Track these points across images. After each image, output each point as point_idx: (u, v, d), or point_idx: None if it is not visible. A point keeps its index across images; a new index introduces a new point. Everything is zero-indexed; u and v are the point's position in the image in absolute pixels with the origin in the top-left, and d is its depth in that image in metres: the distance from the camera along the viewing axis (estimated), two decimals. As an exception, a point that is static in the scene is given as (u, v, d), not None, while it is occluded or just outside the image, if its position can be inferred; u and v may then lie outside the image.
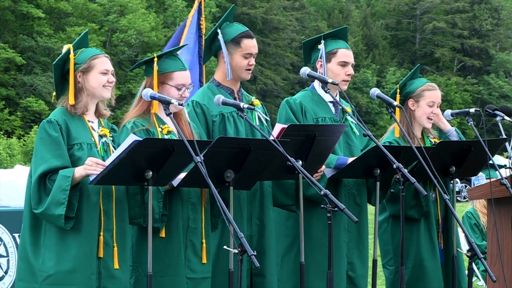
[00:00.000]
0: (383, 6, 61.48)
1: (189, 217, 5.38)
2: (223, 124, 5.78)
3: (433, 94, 6.54)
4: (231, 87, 5.91)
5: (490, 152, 6.20)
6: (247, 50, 5.85)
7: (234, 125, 5.82)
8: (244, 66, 5.86)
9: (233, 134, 5.76)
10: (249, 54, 5.86)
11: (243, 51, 5.85)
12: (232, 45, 5.85)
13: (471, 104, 54.63)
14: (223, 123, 5.79)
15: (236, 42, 5.85)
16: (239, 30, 5.90)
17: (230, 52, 5.84)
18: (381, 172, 5.98)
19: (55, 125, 5.02)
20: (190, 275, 5.36)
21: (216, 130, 5.75)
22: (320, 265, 5.87)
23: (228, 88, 5.90)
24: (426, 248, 6.43)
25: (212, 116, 5.78)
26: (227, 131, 5.76)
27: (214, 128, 5.76)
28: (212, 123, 5.78)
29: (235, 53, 5.84)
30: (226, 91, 5.88)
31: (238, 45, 5.84)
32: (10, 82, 42.27)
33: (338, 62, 6.18)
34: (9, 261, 7.14)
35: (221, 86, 5.89)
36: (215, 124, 5.78)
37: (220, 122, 5.78)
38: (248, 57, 5.86)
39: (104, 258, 5.03)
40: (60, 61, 5.16)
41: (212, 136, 5.70)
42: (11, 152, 32.72)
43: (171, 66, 5.44)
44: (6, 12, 43.26)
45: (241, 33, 5.88)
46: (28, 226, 5.04)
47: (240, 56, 5.85)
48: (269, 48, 51.16)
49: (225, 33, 5.87)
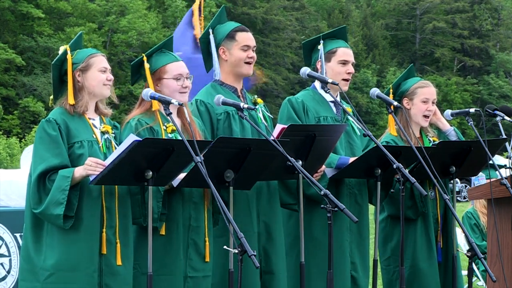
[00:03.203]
0: (383, 6, 61.46)
1: (191, 216, 5.38)
2: (228, 122, 5.77)
3: (426, 90, 6.54)
4: (234, 85, 5.90)
5: (490, 152, 6.20)
6: (243, 42, 5.83)
7: (240, 123, 5.79)
8: (243, 58, 5.82)
9: (238, 132, 5.74)
10: (246, 46, 5.82)
11: (239, 43, 5.82)
12: (227, 41, 5.84)
13: (471, 104, 54.60)
14: (228, 121, 5.77)
15: (231, 37, 5.84)
16: (232, 26, 5.89)
17: (227, 48, 5.82)
18: (382, 172, 5.99)
19: (53, 124, 5.03)
20: (192, 274, 5.36)
21: (221, 128, 5.74)
22: (323, 265, 5.87)
23: (232, 87, 5.89)
24: (422, 248, 6.43)
25: (216, 115, 5.76)
26: (233, 129, 5.74)
27: (219, 126, 5.75)
28: (217, 121, 5.76)
29: (232, 47, 5.83)
30: (229, 89, 5.86)
31: (233, 39, 5.83)
32: (10, 82, 42.26)
33: (338, 61, 6.19)
34: (11, 261, 7.15)
35: (224, 85, 5.88)
36: (219, 122, 5.76)
37: (225, 120, 5.77)
38: (246, 49, 5.83)
39: (106, 255, 5.04)
40: (58, 62, 5.18)
41: (217, 134, 5.68)
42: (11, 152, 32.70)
43: (162, 60, 5.45)
44: (6, 12, 43.25)
45: (234, 27, 5.87)
46: (30, 226, 5.05)
47: (237, 50, 5.82)
48: (269, 48, 51.13)
49: (218, 33, 5.86)
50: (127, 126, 5.33)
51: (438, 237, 6.51)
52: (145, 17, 46.36)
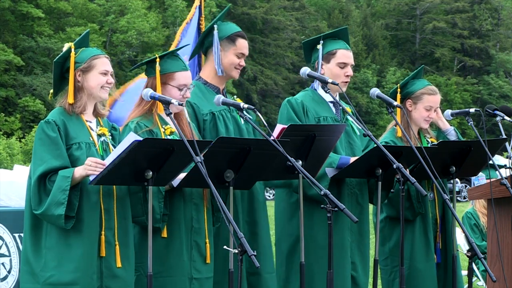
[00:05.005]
0: (383, 6, 61.51)
1: (193, 217, 5.38)
2: (213, 123, 5.82)
3: (432, 98, 6.53)
4: (218, 85, 5.96)
5: (490, 152, 6.20)
6: (241, 49, 5.92)
7: (224, 124, 5.85)
8: (235, 64, 5.91)
9: (224, 133, 5.79)
10: (241, 54, 5.93)
11: (237, 50, 5.91)
12: (226, 42, 5.90)
13: (471, 104, 54.66)
14: (213, 121, 5.82)
15: (231, 40, 5.91)
16: (235, 29, 5.98)
17: (223, 49, 5.89)
18: (383, 172, 5.98)
19: (53, 126, 5.01)
20: (196, 275, 5.36)
21: (208, 128, 5.78)
22: (325, 265, 5.87)
23: (215, 87, 5.94)
24: (420, 249, 6.44)
25: (203, 115, 5.81)
26: (218, 129, 5.79)
27: (205, 127, 5.80)
28: (203, 121, 5.80)
29: (229, 50, 5.90)
30: (212, 89, 5.92)
31: (233, 43, 5.90)
32: (9, 82, 42.27)
33: (337, 63, 6.18)
34: (11, 261, 7.14)
35: (207, 84, 5.93)
36: (206, 123, 5.81)
37: (211, 121, 5.81)
38: (241, 56, 5.93)
39: (106, 257, 5.03)
40: (61, 59, 5.15)
41: (204, 135, 5.74)
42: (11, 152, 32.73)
43: (173, 66, 5.44)
44: (6, 12, 43.27)
45: (237, 32, 5.95)
46: (29, 228, 5.03)
47: (233, 54, 5.90)
48: (269, 48, 51.13)
49: (220, 30, 5.92)
50: (126, 129, 5.31)
51: (437, 238, 6.51)
52: (145, 17, 46.38)
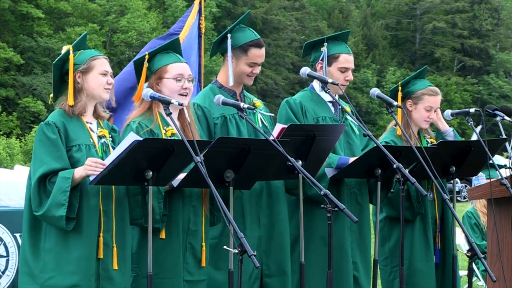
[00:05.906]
0: (383, 6, 61.49)
1: (190, 219, 5.36)
2: (225, 126, 5.77)
3: (432, 99, 6.53)
4: (234, 89, 5.90)
5: (490, 152, 6.20)
6: (253, 59, 5.84)
7: (236, 127, 5.80)
8: (247, 73, 5.85)
9: (235, 135, 5.74)
10: (254, 63, 5.85)
11: (249, 60, 5.83)
12: (239, 51, 5.83)
13: (471, 104, 54.62)
14: (225, 125, 5.78)
15: (243, 50, 5.83)
16: (250, 37, 5.87)
17: (236, 57, 5.82)
18: (382, 172, 5.99)
19: (53, 127, 5.01)
20: (188, 278, 5.34)
21: (218, 132, 5.73)
22: (326, 265, 5.87)
23: (231, 90, 5.89)
24: (419, 249, 6.44)
25: (213, 119, 5.76)
26: (230, 132, 5.75)
27: (216, 130, 5.75)
28: (214, 125, 5.76)
29: (241, 59, 5.82)
30: (228, 93, 5.86)
31: (245, 53, 5.83)
32: (9, 82, 42.25)
33: (339, 67, 6.19)
34: (8, 261, 7.14)
35: (223, 88, 5.88)
36: (216, 126, 5.76)
37: (222, 124, 5.77)
38: (253, 66, 5.85)
39: (103, 259, 5.02)
40: (60, 61, 5.16)
41: (214, 138, 5.66)
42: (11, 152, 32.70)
43: (164, 60, 5.41)
44: (6, 12, 43.24)
45: (250, 41, 5.85)
46: (28, 230, 5.03)
47: (245, 64, 5.83)
48: (269, 48, 51.13)
49: (234, 38, 5.84)
50: (128, 129, 5.30)
51: (437, 238, 6.51)
52: (145, 17, 46.37)
